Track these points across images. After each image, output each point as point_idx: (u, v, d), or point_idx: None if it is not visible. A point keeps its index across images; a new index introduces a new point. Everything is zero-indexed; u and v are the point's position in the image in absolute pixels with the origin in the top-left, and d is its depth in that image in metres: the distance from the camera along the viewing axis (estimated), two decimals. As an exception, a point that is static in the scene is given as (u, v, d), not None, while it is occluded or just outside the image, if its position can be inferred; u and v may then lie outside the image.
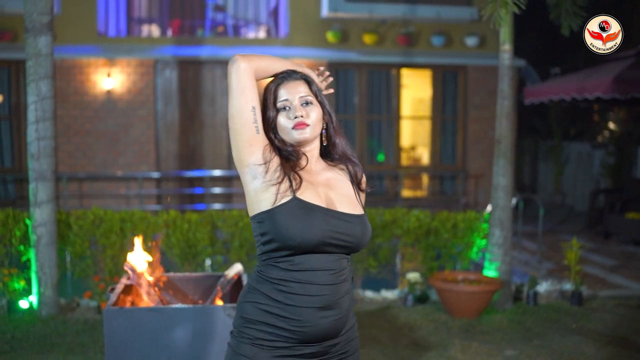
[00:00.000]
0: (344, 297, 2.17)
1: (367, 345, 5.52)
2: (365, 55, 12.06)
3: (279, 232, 2.05)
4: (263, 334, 2.11)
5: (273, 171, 2.12)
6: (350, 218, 2.15)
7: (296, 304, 2.08)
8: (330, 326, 2.12)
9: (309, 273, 2.09)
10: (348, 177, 2.30)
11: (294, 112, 2.17)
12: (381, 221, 6.72)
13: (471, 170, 12.59)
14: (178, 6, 12.96)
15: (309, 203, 2.09)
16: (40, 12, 5.95)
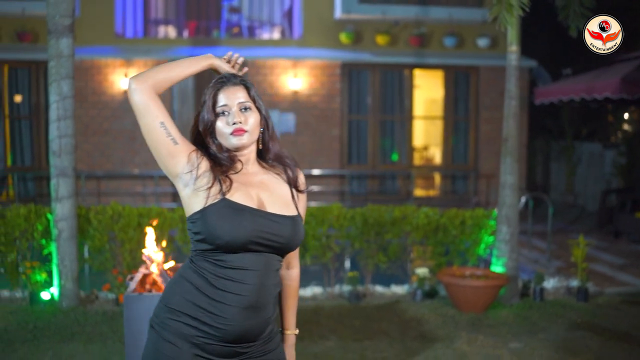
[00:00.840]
0: (270, 298, 2.21)
1: (376, 337, 5.70)
2: (378, 56, 12.23)
3: (208, 231, 2.10)
4: (186, 328, 2.15)
5: (202, 177, 2.16)
6: (280, 219, 2.19)
7: (223, 301, 2.12)
8: (253, 328, 2.16)
9: (239, 272, 2.13)
10: (285, 179, 2.33)
11: (232, 118, 2.22)
12: (390, 218, 6.89)
13: (482, 170, 12.72)
14: (194, 8, 13.19)
15: (237, 204, 2.14)
16: (62, 15, 6.18)
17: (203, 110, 2.26)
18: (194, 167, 2.17)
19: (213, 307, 2.13)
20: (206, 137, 2.25)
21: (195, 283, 2.16)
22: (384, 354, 5.30)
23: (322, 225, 6.76)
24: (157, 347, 2.18)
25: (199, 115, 2.29)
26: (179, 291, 2.19)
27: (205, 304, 2.13)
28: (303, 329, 5.88)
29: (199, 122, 2.28)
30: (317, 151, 12.29)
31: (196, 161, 2.18)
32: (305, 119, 12.24)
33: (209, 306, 2.13)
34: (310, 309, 6.47)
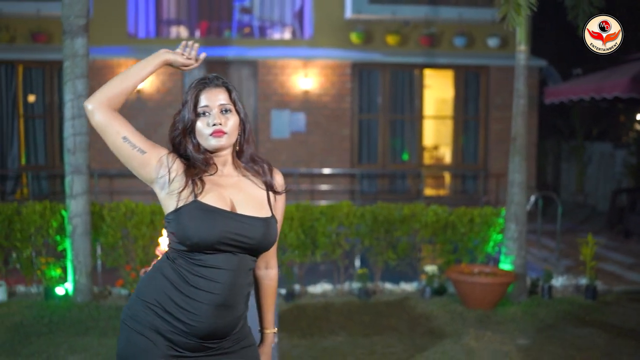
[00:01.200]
0: (240, 297, 2.26)
1: (385, 333, 5.77)
2: (388, 56, 12.30)
3: (180, 231, 2.16)
4: (160, 321, 2.20)
5: (175, 180, 2.21)
6: (250, 221, 2.23)
7: (196, 299, 2.17)
8: (223, 326, 2.21)
9: (212, 270, 2.18)
10: (261, 182, 2.37)
11: (213, 119, 2.25)
12: (400, 215, 6.96)
13: (492, 169, 12.76)
14: (206, 8, 13.30)
15: (208, 205, 2.19)
16: (76, 16, 6.29)
17: (184, 109, 2.30)
18: (166, 171, 2.22)
19: (185, 303, 2.18)
20: (185, 136, 2.29)
21: (171, 279, 2.22)
22: (393, 349, 5.37)
23: (331, 222, 6.84)
24: (130, 341, 2.23)
25: (179, 114, 2.33)
26: (155, 286, 2.25)
27: (178, 300, 2.19)
28: (313, 324, 5.97)
29: (178, 121, 2.32)
30: (327, 150, 12.37)
31: (168, 165, 2.23)
32: (315, 119, 12.32)
33: (182, 302, 2.19)
34: (320, 305, 6.55)
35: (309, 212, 6.82)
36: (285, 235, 6.75)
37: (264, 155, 11.95)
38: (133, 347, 2.23)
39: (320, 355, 5.22)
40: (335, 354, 5.25)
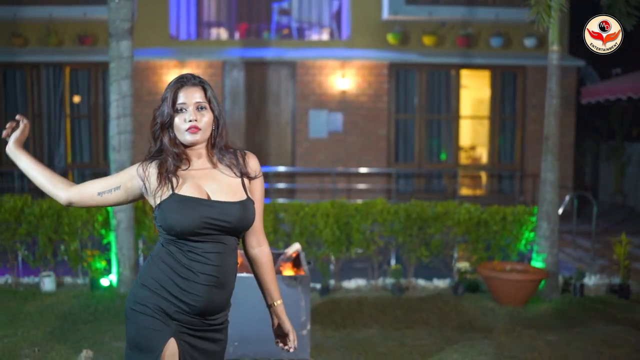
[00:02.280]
0: (231, 275, 2.50)
1: (416, 326, 5.93)
2: (425, 57, 12.41)
3: (164, 223, 2.41)
4: (165, 302, 2.42)
5: (152, 183, 2.47)
6: (225, 205, 2.45)
7: (193, 280, 2.41)
8: (219, 301, 2.47)
9: (202, 253, 2.42)
10: (236, 170, 2.56)
11: (189, 116, 2.46)
12: (433, 213, 7.09)
13: (529, 169, 12.77)
14: (245, 10, 13.59)
15: (185, 197, 2.42)
16: (122, 19, 6.58)
17: (163, 105, 2.50)
18: (144, 180, 2.48)
19: (185, 284, 2.42)
20: (163, 130, 2.51)
21: (169, 264, 2.45)
22: (423, 342, 5.52)
23: (366, 219, 7.01)
24: (142, 325, 2.43)
25: (158, 109, 2.53)
26: (155, 272, 2.47)
27: (179, 282, 2.42)
28: (346, 317, 6.15)
29: (157, 116, 2.52)
30: (364, 150, 12.54)
31: (142, 177, 2.49)
32: (353, 119, 12.50)
33: (182, 284, 2.42)
34: (354, 299, 6.73)
35: (344, 209, 7.00)
36: (320, 231, 6.94)
37: (302, 155, 12.21)
38: (145, 330, 2.42)
39: (353, 346, 5.40)
40: (367, 345, 5.43)
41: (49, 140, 12.85)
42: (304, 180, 12.69)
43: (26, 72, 12.83)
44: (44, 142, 12.85)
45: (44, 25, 12.36)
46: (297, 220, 6.99)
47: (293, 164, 12.58)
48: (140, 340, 2.44)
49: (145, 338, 2.43)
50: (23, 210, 7.10)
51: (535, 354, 5.27)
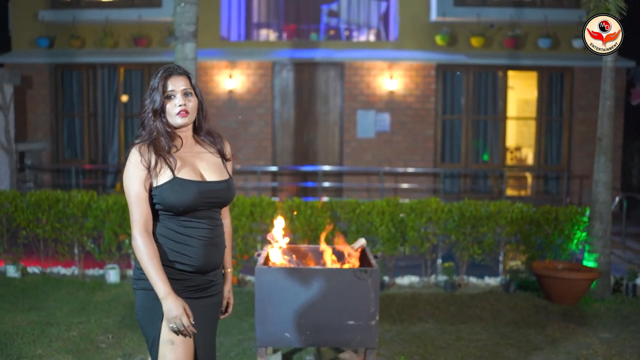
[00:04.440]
0: (221, 237, 2.90)
1: (470, 322, 6.08)
2: (472, 58, 12.50)
3: (167, 203, 2.74)
4: (170, 270, 2.73)
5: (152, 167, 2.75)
6: (217, 184, 2.84)
7: (195, 245, 2.76)
8: (215, 258, 2.84)
9: (200, 223, 2.79)
10: (216, 151, 2.93)
11: (178, 101, 2.79)
12: (486, 212, 7.23)
13: (576, 170, 12.77)
14: (294, 12, 13.83)
15: (185, 180, 2.75)
16: (187, 23, 6.85)
17: (154, 93, 2.80)
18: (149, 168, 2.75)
19: (183, 249, 2.76)
20: (155, 115, 2.80)
21: (167, 236, 2.78)
22: (479, 336, 5.68)
23: (420, 218, 7.18)
24: (150, 296, 2.72)
25: (148, 98, 2.82)
26: (160, 245, 2.77)
27: (177, 248, 2.77)
28: (402, 312, 6.34)
29: (149, 104, 2.81)
30: (411, 150, 12.69)
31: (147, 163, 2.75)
32: (400, 119, 12.65)
33: (180, 249, 2.76)
34: (408, 295, 6.91)
35: (399, 207, 7.18)
36: (376, 228, 7.13)
37: (350, 154, 12.41)
38: (150, 300, 2.72)
39: (411, 339, 5.58)
40: (425, 338, 5.61)
41: (103, 139, 13.27)
42: (351, 179, 12.89)
43: (83, 73, 13.28)
44: (98, 141, 13.28)
45: (100, 27, 12.78)
46: (354, 217, 7.19)
47: (340, 163, 12.79)
48: (147, 303, 2.76)
49: (151, 300, 2.73)
50: (90, 205, 7.43)
51: (590, 351, 5.38)
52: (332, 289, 4.09)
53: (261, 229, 7.38)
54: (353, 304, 4.08)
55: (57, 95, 13.38)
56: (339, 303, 4.09)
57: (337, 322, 4.10)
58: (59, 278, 7.51)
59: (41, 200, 7.44)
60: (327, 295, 4.09)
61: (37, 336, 5.46)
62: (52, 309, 6.25)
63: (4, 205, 7.63)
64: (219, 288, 2.95)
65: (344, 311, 4.09)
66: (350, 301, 4.08)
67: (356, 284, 4.07)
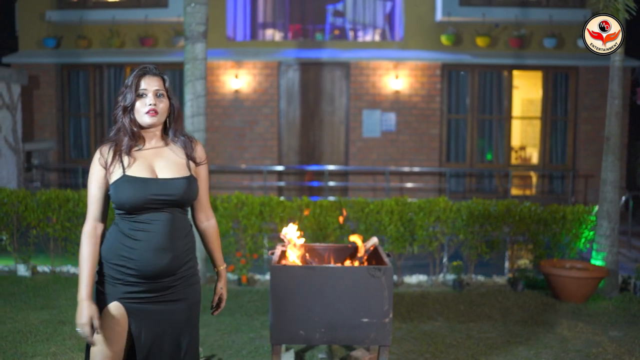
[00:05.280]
0: (177, 242, 2.82)
1: (480, 320, 6.12)
2: (477, 58, 12.53)
3: (116, 200, 2.76)
4: (115, 271, 2.77)
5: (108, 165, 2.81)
6: (171, 181, 2.82)
7: (138, 248, 2.75)
8: (166, 265, 2.78)
9: (148, 225, 2.76)
10: (183, 151, 2.93)
11: (149, 100, 2.82)
12: (494, 211, 7.27)
13: (581, 170, 12.79)
14: (299, 12, 13.86)
15: (134, 177, 2.77)
16: (197, 23, 6.90)
17: (127, 91, 2.84)
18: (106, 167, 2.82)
19: (130, 252, 2.76)
20: (125, 111, 2.84)
21: (117, 237, 2.80)
22: (488, 335, 5.72)
23: (429, 217, 7.22)
24: (97, 290, 2.82)
25: (121, 94, 2.86)
26: (108, 246, 2.82)
27: (124, 252, 2.76)
28: (412, 310, 6.38)
29: (121, 100, 2.85)
30: (417, 149, 12.72)
31: (105, 163, 2.82)
32: (405, 118, 12.69)
33: (127, 252, 2.76)
34: (417, 294, 6.95)
35: (408, 206, 7.22)
36: (385, 227, 7.17)
37: (356, 154, 12.45)
38: (98, 293, 2.81)
39: (421, 337, 5.62)
40: (435, 336, 5.65)
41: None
42: (357, 179, 12.92)
43: (89, 73, 13.32)
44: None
45: (107, 27, 12.82)
46: (362, 216, 7.24)
47: (346, 162, 12.83)
48: (97, 303, 2.80)
49: (97, 300, 2.80)
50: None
51: (599, 349, 5.42)
52: (347, 287, 4.13)
53: (270, 228, 7.43)
54: (367, 302, 4.12)
55: (63, 95, 13.43)
56: (353, 301, 4.13)
57: (351, 319, 4.14)
58: (69, 277, 7.56)
59: (51, 199, 7.49)
60: (342, 293, 4.13)
61: (50, 334, 5.50)
62: (64, 308, 6.29)
63: (15, 205, 7.68)
64: (187, 293, 2.90)
65: (358, 309, 4.13)
66: (364, 299, 4.12)
67: (370, 282, 4.11)
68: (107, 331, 2.75)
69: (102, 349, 2.75)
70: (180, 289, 2.86)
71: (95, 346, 2.73)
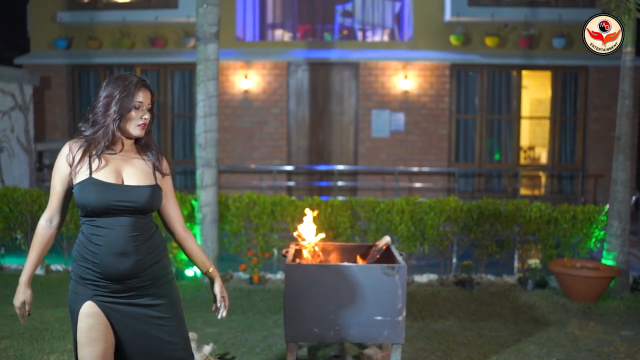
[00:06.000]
0: (140, 245, 2.84)
1: (491, 319, 6.15)
2: (486, 58, 12.55)
3: (79, 201, 2.80)
4: (84, 271, 2.83)
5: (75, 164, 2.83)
6: (135, 189, 2.86)
7: (98, 252, 2.79)
8: (128, 268, 2.81)
9: (108, 230, 2.80)
10: (150, 161, 2.98)
11: (144, 114, 2.89)
12: (505, 210, 7.29)
13: (590, 170, 12.79)
14: (308, 12, 13.91)
15: (100, 181, 2.80)
16: (210, 24, 6.95)
17: (124, 98, 2.85)
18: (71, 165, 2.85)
19: (93, 256, 2.81)
20: (115, 114, 2.85)
21: (82, 240, 2.86)
22: (500, 333, 5.74)
23: (439, 216, 7.25)
24: (73, 289, 2.88)
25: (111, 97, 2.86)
26: (76, 248, 2.89)
27: (88, 255, 2.82)
28: (423, 309, 6.41)
29: (114, 104, 2.84)
30: (425, 149, 12.75)
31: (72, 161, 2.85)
32: (414, 118, 12.72)
33: (90, 256, 2.81)
34: (427, 293, 6.99)
35: (418, 206, 7.26)
36: (396, 226, 7.21)
37: (365, 154, 12.48)
38: (70, 294, 2.89)
39: (433, 335, 5.66)
40: (446, 335, 5.68)
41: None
42: (366, 178, 12.96)
43: (99, 73, 13.41)
44: (115, 140, 13.38)
45: (117, 28, 12.90)
46: (373, 216, 7.28)
47: (355, 162, 12.87)
48: (69, 303, 2.89)
49: (70, 301, 2.88)
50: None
51: (611, 348, 5.44)
52: (361, 285, 4.17)
53: (281, 227, 7.47)
54: (381, 300, 4.16)
55: (74, 96, 13.53)
56: (367, 299, 4.17)
57: (365, 317, 4.18)
58: (82, 276, 7.61)
59: (65, 199, 7.55)
60: (356, 291, 4.17)
61: (66, 332, 5.56)
62: (78, 306, 6.35)
63: (29, 204, 7.75)
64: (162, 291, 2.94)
65: (372, 307, 4.17)
66: (378, 297, 4.16)
67: (384, 280, 4.15)
68: (89, 331, 2.82)
69: (89, 350, 2.81)
70: (153, 289, 2.90)
71: (83, 349, 2.82)
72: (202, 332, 5.63)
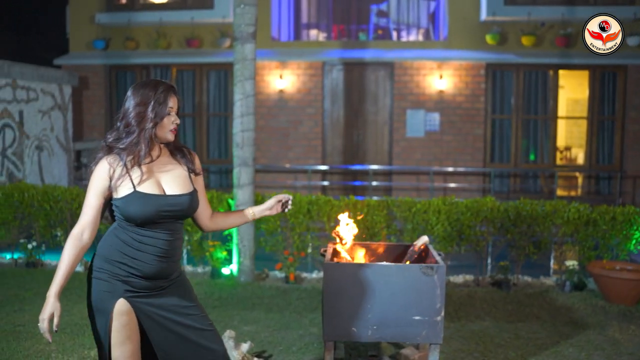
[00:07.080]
0: (177, 248, 3.00)
1: (528, 320, 6.10)
2: (522, 57, 12.43)
3: (126, 214, 2.85)
4: (117, 269, 2.87)
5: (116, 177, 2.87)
6: (178, 197, 2.95)
7: (144, 251, 2.88)
8: (165, 269, 2.93)
9: (153, 234, 2.90)
10: (184, 164, 3.06)
11: (175, 119, 2.97)
12: (542, 211, 7.22)
13: (629, 170, 12.59)
14: (343, 12, 13.93)
15: (144, 194, 2.86)
16: (247, 24, 7.01)
17: (159, 105, 2.91)
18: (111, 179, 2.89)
19: (136, 255, 2.88)
20: (151, 122, 2.89)
21: (123, 240, 2.90)
22: (537, 335, 5.70)
23: (476, 217, 7.21)
24: (98, 288, 2.90)
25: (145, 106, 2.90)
26: (112, 244, 2.92)
27: (130, 253, 2.89)
28: (459, 310, 6.39)
29: (150, 111, 2.89)
30: (461, 149, 12.67)
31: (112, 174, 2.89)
32: (449, 118, 12.65)
33: (134, 254, 2.88)
34: (464, 293, 6.95)
35: (455, 206, 7.22)
36: (432, 226, 7.19)
37: (399, 154, 12.45)
38: (100, 293, 2.89)
39: (470, 336, 5.63)
40: (483, 336, 5.65)
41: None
42: (400, 178, 12.93)
43: (136, 74, 13.60)
44: (152, 140, 13.55)
45: (154, 29, 13.07)
46: (409, 216, 7.26)
47: (390, 162, 12.85)
48: (97, 302, 2.89)
49: (100, 300, 2.89)
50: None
51: (652, 351, 5.36)
52: (399, 285, 4.18)
53: (317, 227, 7.50)
54: (419, 300, 4.16)
55: (111, 96, 13.74)
56: (405, 299, 4.17)
57: (403, 317, 4.18)
58: (120, 273, 7.73)
59: (104, 197, 7.67)
60: (394, 290, 4.18)
61: (107, 328, 5.65)
62: (118, 303, 6.45)
63: (68, 202, 7.89)
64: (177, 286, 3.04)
65: (410, 307, 4.17)
66: (416, 297, 4.16)
67: (422, 280, 4.15)
68: (124, 329, 2.87)
69: (123, 349, 2.86)
70: (173, 283, 3.04)
71: (117, 348, 2.85)
72: (240, 330, 5.69)
